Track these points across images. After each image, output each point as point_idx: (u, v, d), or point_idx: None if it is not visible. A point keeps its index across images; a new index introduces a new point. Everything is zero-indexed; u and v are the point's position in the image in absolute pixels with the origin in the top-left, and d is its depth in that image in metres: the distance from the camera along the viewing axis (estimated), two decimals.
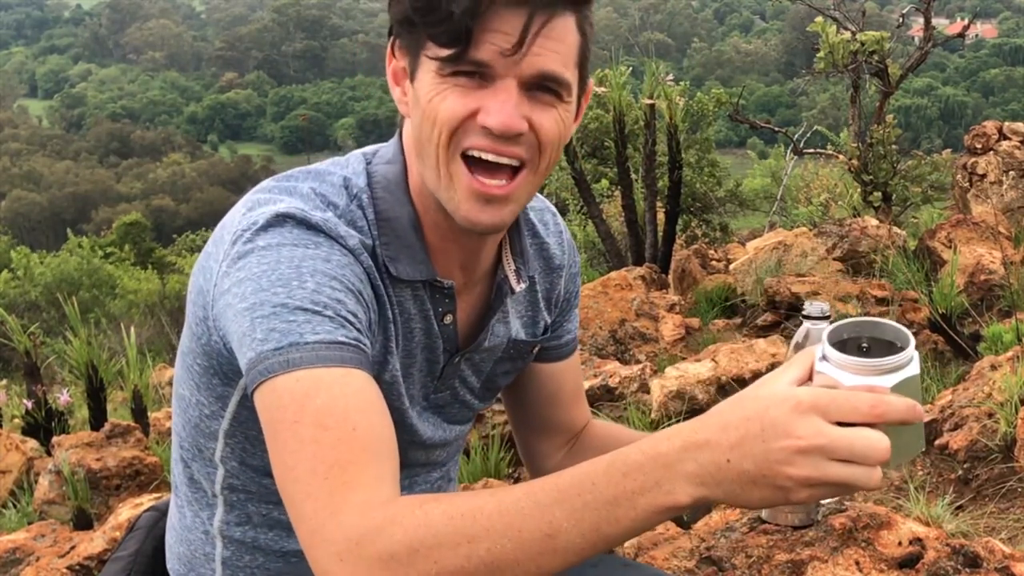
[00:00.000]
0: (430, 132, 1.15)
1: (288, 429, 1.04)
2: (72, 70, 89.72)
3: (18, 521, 3.72)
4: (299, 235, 1.15)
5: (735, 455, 0.92)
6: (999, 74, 61.80)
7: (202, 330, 1.22)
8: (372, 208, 1.23)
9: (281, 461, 1.05)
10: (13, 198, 48.93)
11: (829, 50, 7.14)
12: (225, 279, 1.15)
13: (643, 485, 0.94)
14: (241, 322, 1.11)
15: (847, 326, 1.00)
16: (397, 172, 1.25)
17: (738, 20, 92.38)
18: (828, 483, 0.90)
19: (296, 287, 1.10)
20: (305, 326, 1.08)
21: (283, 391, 1.06)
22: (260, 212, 1.18)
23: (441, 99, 1.14)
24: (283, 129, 74.16)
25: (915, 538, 2.46)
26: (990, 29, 73.40)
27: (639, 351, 4.69)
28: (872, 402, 0.91)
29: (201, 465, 1.32)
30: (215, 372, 1.24)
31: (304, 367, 1.06)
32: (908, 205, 7.89)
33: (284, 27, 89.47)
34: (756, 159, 15.94)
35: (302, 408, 1.04)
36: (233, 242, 1.16)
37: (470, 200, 1.17)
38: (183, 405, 1.31)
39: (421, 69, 1.16)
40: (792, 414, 0.91)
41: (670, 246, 6.47)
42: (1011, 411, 3.12)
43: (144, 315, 14.72)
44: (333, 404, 1.05)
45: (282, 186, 1.24)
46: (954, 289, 4.13)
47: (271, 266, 1.12)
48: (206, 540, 1.34)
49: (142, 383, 4.29)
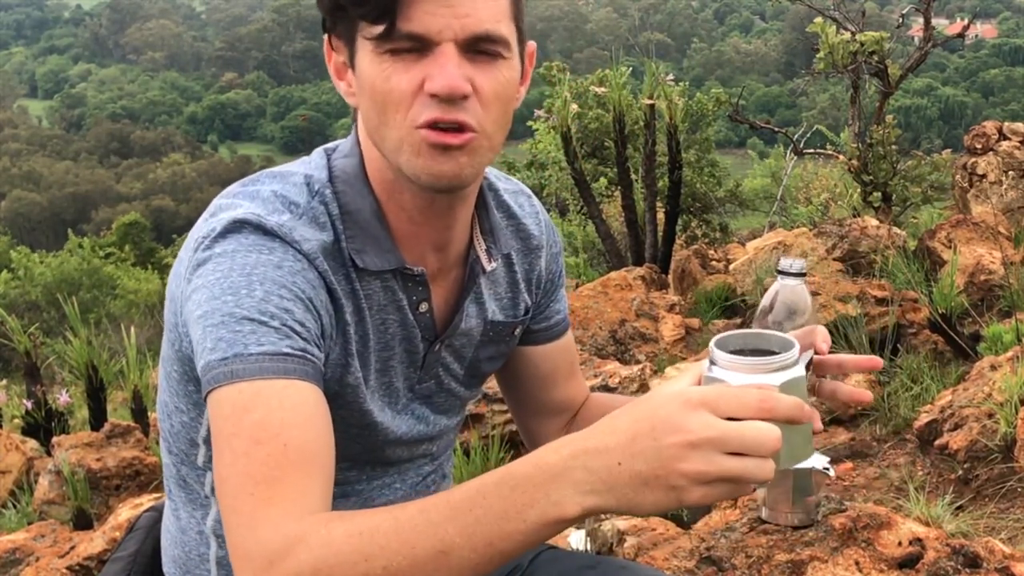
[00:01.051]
0: (383, 114, 1.16)
1: (225, 441, 1.06)
2: (72, 70, 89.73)
3: (18, 521, 3.72)
4: (254, 241, 1.16)
5: (626, 456, 0.90)
6: (999, 74, 61.79)
7: (175, 336, 1.23)
8: (335, 203, 1.23)
9: (217, 473, 1.06)
10: (13, 198, 48.92)
11: (829, 50, 7.14)
12: (188, 285, 1.17)
13: (532, 498, 0.92)
14: (195, 330, 1.13)
15: (734, 337, 1.00)
16: (355, 164, 1.26)
17: (738, 20, 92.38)
18: (721, 477, 0.89)
19: (244, 296, 1.11)
20: (250, 336, 1.08)
21: (225, 402, 1.07)
22: (219, 218, 1.19)
23: (385, 79, 1.14)
24: (283, 129, 74.15)
25: (915, 538, 2.46)
26: (990, 29, 73.40)
27: (639, 351, 4.69)
28: (760, 396, 0.90)
29: (190, 469, 1.32)
30: (190, 378, 1.24)
31: (246, 379, 1.07)
32: (908, 205, 7.88)
33: (284, 27, 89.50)
34: (756, 159, 15.93)
35: (239, 421, 1.05)
36: (195, 248, 1.18)
37: (429, 153, 1.15)
38: (167, 411, 1.31)
39: (359, 55, 1.17)
40: (683, 410, 0.89)
41: (670, 246, 6.47)
42: (1011, 411, 3.12)
43: (144, 315, 14.71)
44: (269, 418, 1.05)
45: (246, 191, 1.24)
46: (954, 289, 4.13)
47: (224, 274, 1.13)
48: (200, 540, 1.34)
49: (142, 383, 4.29)
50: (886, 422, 3.66)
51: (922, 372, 3.94)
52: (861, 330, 4.15)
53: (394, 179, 1.23)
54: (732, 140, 44.23)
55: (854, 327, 4.16)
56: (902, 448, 3.50)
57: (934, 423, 3.35)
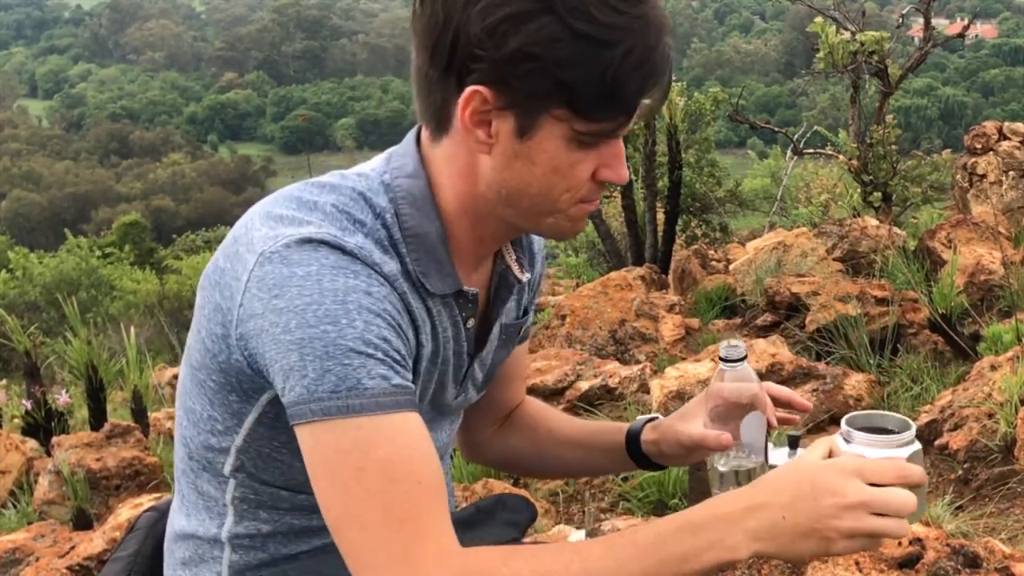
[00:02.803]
0: (552, 189, 1.21)
1: (352, 476, 1.11)
2: (72, 70, 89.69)
3: (18, 521, 3.72)
4: (335, 263, 1.15)
5: (789, 512, 1.08)
6: (999, 74, 61.75)
7: (220, 348, 1.21)
8: (397, 225, 1.23)
9: (343, 504, 1.12)
10: (13, 198, 48.90)
11: (829, 50, 7.14)
12: (256, 302, 1.15)
13: (710, 543, 1.09)
14: (288, 355, 1.13)
15: (860, 416, 1.22)
16: (423, 187, 1.25)
17: (738, 20, 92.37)
18: (867, 534, 1.09)
19: (345, 325, 1.12)
20: (361, 370, 1.12)
21: (343, 436, 1.11)
22: (287, 232, 1.17)
23: (571, 165, 1.19)
24: (283, 129, 74.13)
25: (915, 538, 2.46)
26: (990, 29, 73.39)
27: (639, 351, 4.69)
28: (898, 466, 1.12)
29: (211, 476, 1.31)
30: (232, 389, 1.23)
31: (364, 414, 1.11)
32: (908, 205, 7.89)
33: (284, 27, 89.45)
34: (756, 159, 15.92)
35: (366, 457, 1.11)
36: (260, 263, 1.16)
37: (581, 220, 1.27)
38: (193, 419, 1.30)
39: (543, 131, 1.17)
40: (839, 476, 1.09)
41: (670, 246, 6.48)
42: (1011, 411, 3.12)
43: (144, 315, 14.71)
44: (397, 455, 1.12)
45: (302, 199, 1.23)
46: (954, 289, 4.13)
47: (314, 299, 1.12)
48: (214, 546, 1.33)
49: (142, 383, 4.29)
50: None
51: (922, 372, 3.94)
52: (861, 330, 4.15)
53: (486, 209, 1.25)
54: (732, 140, 44.22)
55: (854, 327, 4.16)
56: None
57: (934, 423, 3.35)
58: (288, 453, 1.24)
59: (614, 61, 1.13)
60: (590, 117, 1.16)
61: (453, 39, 1.15)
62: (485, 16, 1.13)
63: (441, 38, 1.16)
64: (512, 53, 1.13)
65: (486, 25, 1.13)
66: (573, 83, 1.13)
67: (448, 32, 1.15)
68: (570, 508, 3.27)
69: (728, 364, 1.38)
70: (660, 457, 1.49)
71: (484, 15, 1.13)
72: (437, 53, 1.18)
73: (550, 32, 1.12)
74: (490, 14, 1.12)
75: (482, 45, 1.13)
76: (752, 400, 1.38)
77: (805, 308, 4.52)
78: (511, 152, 1.19)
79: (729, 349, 1.38)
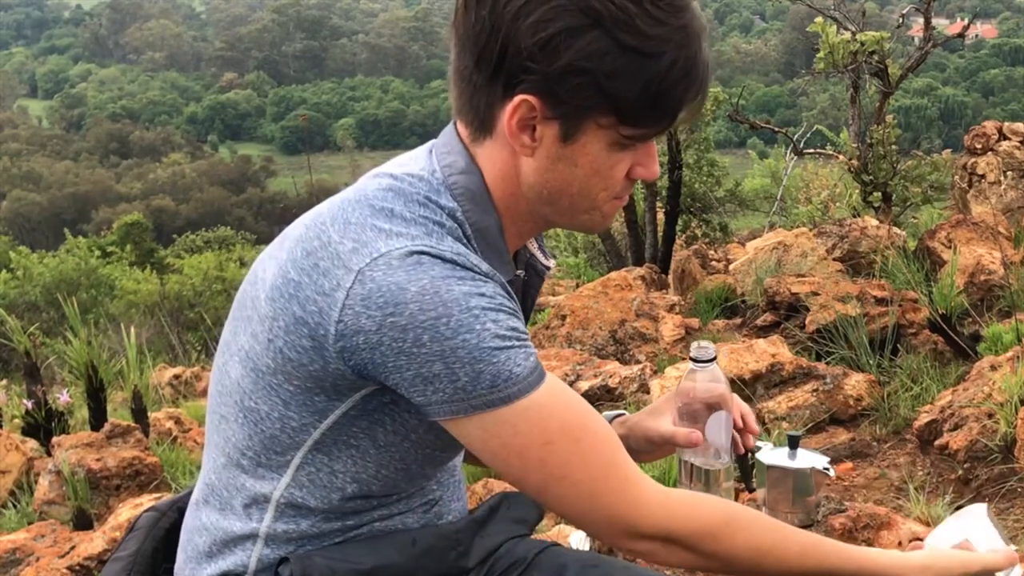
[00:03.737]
0: (591, 188, 1.29)
1: (543, 449, 1.24)
2: (72, 70, 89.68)
3: (18, 521, 3.72)
4: (443, 273, 1.20)
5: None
6: (999, 74, 61.75)
7: (310, 358, 1.24)
8: (467, 222, 1.29)
9: (543, 473, 1.25)
10: (13, 198, 48.88)
11: (829, 50, 7.14)
12: (363, 319, 1.19)
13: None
14: (429, 366, 1.19)
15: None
16: (478, 183, 1.30)
17: (738, 20, 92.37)
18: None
19: (480, 330, 1.19)
20: (509, 362, 1.21)
21: (519, 421, 1.23)
22: (380, 247, 1.21)
23: (611, 167, 1.27)
24: (283, 129, 74.10)
25: (915, 538, 2.46)
26: (990, 29, 73.38)
27: (639, 351, 4.69)
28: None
29: (265, 471, 1.32)
30: (321, 391, 1.26)
31: (523, 396, 1.22)
32: (908, 205, 7.89)
33: (284, 27, 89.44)
34: (756, 159, 15.93)
35: (547, 431, 1.23)
36: (361, 280, 1.19)
37: (610, 218, 1.36)
38: (255, 418, 1.31)
39: (587, 136, 1.24)
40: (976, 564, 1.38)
41: (670, 246, 6.49)
42: (1011, 411, 3.12)
43: (144, 315, 14.71)
44: (568, 419, 1.25)
45: (375, 206, 1.26)
46: (954, 289, 4.13)
47: (441, 312, 1.18)
48: (247, 540, 1.34)
49: (142, 383, 4.29)
50: (886, 422, 3.66)
51: (922, 372, 3.94)
52: (861, 330, 4.15)
53: (525, 208, 1.32)
54: (732, 140, 44.23)
55: (854, 327, 4.16)
56: (902, 448, 3.50)
57: (934, 423, 3.35)
58: (366, 439, 1.29)
59: (660, 71, 1.19)
60: (635, 124, 1.23)
61: (502, 49, 1.20)
62: (536, 31, 1.18)
63: (489, 46, 1.21)
64: (564, 67, 1.18)
65: (537, 40, 1.18)
66: (621, 93, 1.19)
67: (496, 41, 1.20)
68: None
69: (698, 364, 1.47)
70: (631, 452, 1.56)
71: (535, 30, 1.18)
72: (484, 60, 1.22)
73: (599, 46, 1.17)
74: (541, 29, 1.18)
75: (533, 58, 1.19)
76: (719, 400, 1.47)
77: (805, 308, 4.52)
78: (554, 155, 1.26)
79: (699, 350, 1.46)
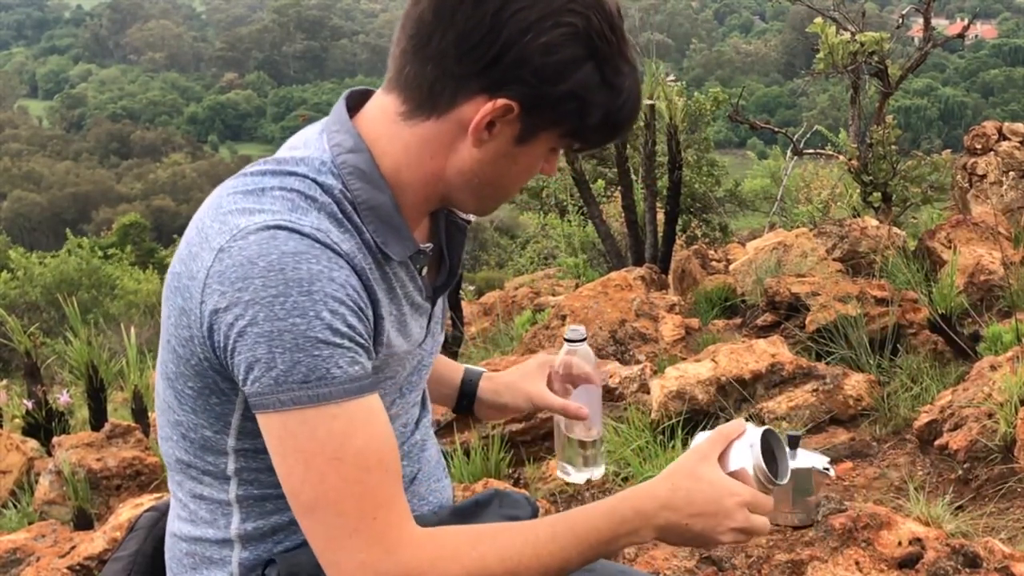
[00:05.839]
0: (517, 186, 1.36)
1: (328, 465, 1.18)
2: (72, 70, 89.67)
3: (18, 521, 3.72)
4: (295, 248, 1.17)
5: (692, 521, 1.32)
6: (999, 74, 61.73)
7: (188, 351, 1.23)
8: (348, 200, 1.27)
9: (318, 490, 1.18)
10: (13, 198, 48.87)
11: (829, 51, 7.13)
12: (218, 297, 1.17)
13: (628, 531, 1.31)
14: (255, 348, 1.16)
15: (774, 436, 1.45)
16: (367, 160, 1.29)
17: (738, 21, 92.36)
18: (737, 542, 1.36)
19: (313, 317, 1.16)
20: (330, 360, 1.17)
21: (318, 425, 1.17)
22: (240, 223, 1.19)
23: (537, 166, 1.34)
24: (283, 130, 73.94)
25: (915, 538, 2.46)
26: (990, 29, 73.37)
27: (639, 351, 4.69)
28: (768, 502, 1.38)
29: (212, 479, 1.31)
30: (211, 391, 1.25)
31: (334, 401, 1.18)
32: (908, 205, 7.88)
33: (284, 28, 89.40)
34: (756, 159, 15.93)
35: (343, 447, 1.18)
36: (219, 257, 1.17)
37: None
38: (181, 430, 1.31)
39: (539, 141, 1.30)
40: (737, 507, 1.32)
41: (670, 246, 6.47)
42: (1011, 411, 3.12)
43: (144, 315, 14.71)
44: (370, 445, 1.20)
45: (247, 189, 1.25)
46: (954, 289, 4.13)
47: (280, 291, 1.15)
48: (223, 545, 1.33)
49: (142, 383, 4.29)
50: (886, 422, 3.67)
51: (922, 372, 3.94)
52: (861, 330, 4.15)
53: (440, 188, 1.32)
54: (732, 140, 44.24)
55: (854, 327, 4.16)
56: (902, 448, 3.50)
57: (934, 423, 3.35)
58: None
59: (619, 105, 1.29)
60: (585, 142, 1.33)
61: (500, 53, 1.21)
62: (547, 53, 1.22)
63: (483, 45, 1.21)
64: (564, 92, 1.24)
65: (547, 62, 1.22)
66: (590, 120, 1.28)
67: (495, 44, 1.21)
68: (570, 507, 3.27)
69: (571, 344, 1.68)
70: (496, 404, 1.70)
71: (546, 52, 1.22)
72: (471, 55, 1.22)
73: (593, 79, 1.25)
74: (552, 52, 1.22)
75: (538, 76, 1.23)
76: (587, 376, 1.68)
77: (805, 308, 4.52)
78: (502, 152, 1.29)
79: (572, 332, 1.68)
